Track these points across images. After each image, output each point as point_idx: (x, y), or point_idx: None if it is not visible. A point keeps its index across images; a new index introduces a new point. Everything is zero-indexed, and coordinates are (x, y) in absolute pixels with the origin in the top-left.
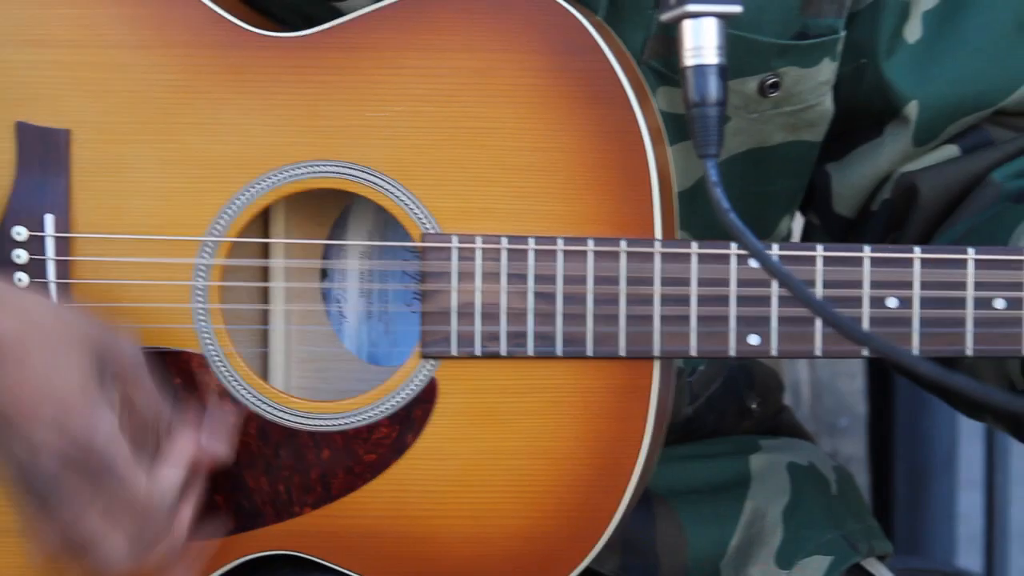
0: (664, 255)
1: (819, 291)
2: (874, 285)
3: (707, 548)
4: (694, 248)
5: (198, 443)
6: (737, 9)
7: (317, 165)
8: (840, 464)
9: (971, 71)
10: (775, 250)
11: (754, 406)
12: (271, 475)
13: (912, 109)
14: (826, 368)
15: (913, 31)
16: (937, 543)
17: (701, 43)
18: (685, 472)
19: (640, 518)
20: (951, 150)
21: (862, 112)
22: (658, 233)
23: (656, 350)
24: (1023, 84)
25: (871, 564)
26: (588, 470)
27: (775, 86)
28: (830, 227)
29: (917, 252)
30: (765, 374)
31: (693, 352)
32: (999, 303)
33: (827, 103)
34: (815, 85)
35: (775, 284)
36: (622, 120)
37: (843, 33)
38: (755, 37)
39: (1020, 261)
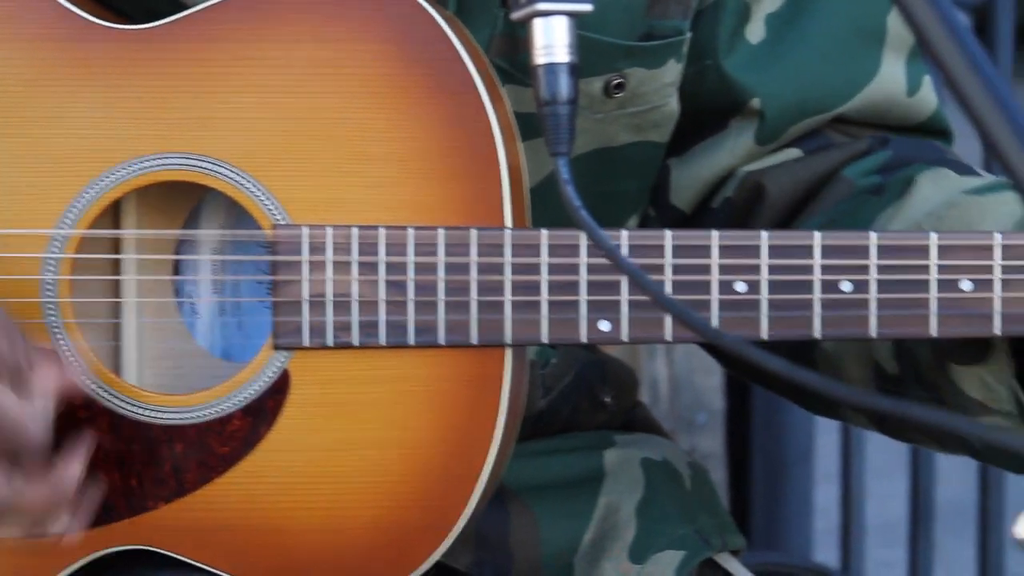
0: (515, 243)
1: (668, 277)
2: (722, 270)
3: (561, 543)
4: (544, 236)
5: (60, 373)
6: (587, 8)
7: (166, 158)
8: (695, 460)
9: (812, 74)
10: (624, 238)
11: (608, 400)
12: (124, 470)
13: (755, 106)
14: (684, 364)
15: (756, 32)
16: (794, 537)
17: (552, 41)
18: (539, 467)
19: (494, 514)
20: (794, 152)
21: (707, 112)
22: (508, 221)
23: (507, 338)
24: (862, 90)
25: (724, 559)
26: (442, 460)
27: (620, 87)
28: (665, 219)
29: (764, 237)
30: (619, 369)
31: (544, 339)
32: (846, 286)
33: (673, 104)
34: (661, 86)
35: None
36: (472, 110)
37: (689, 35)
38: (600, 38)
39: (866, 245)
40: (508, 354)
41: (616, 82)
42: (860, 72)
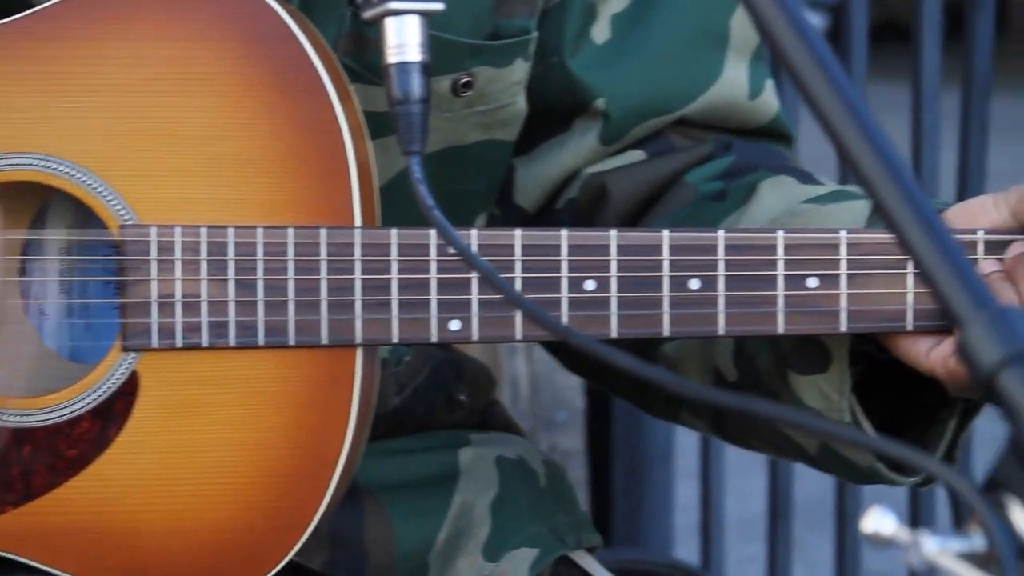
0: (364, 243)
1: (518, 276)
2: (572, 268)
3: (415, 541)
4: (394, 235)
5: None
6: (439, 7)
7: (11, 158)
8: (550, 458)
9: (656, 75)
10: (474, 237)
11: (463, 398)
12: None
13: (600, 105)
14: (544, 363)
15: (601, 32)
16: (655, 535)
17: (404, 40)
18: (394, 466)
19: (348, 513)
20: (637, 154)
21: (552, 111)
22: (358, 220)
23: (358, 337)
24: (705, 92)
25: (579, 556)
26: (293, 461)
27: (468, 86)
28: (510, 219)
29: (613, 235)
30: (474, 367)
31: (395, 339)
32: (694, 284)
33: (520, 103)
34: (508, 85)
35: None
36: (320, 109)
37: (535, 34)
38: (448, 37)
39: (714, 244)
40: (359, 354)
41: (464, 81)
42: (703, 74)
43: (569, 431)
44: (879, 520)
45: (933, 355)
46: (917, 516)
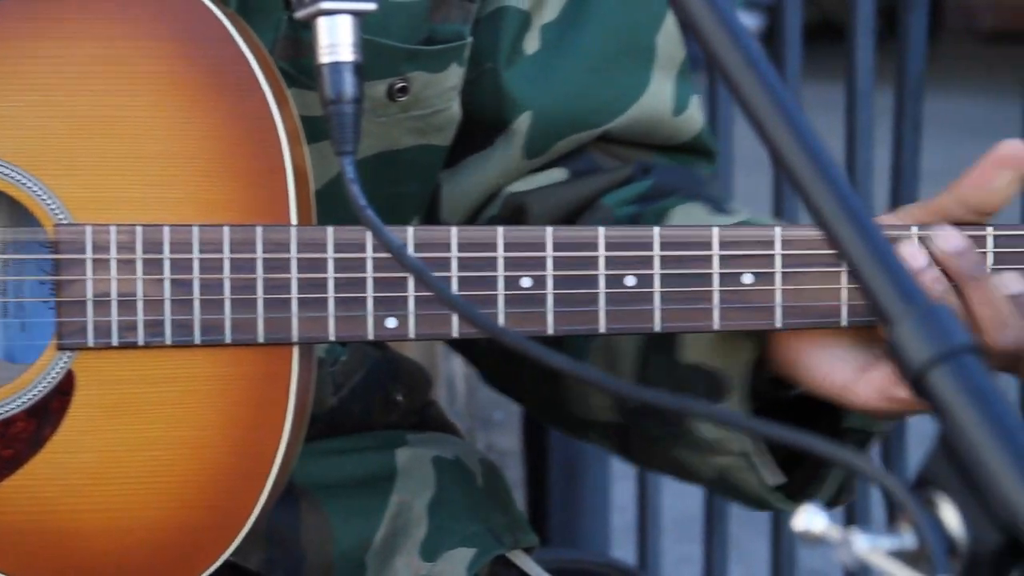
0: (301, 241)
1: (455, 274)
2: (508, 266)
3: (353, 541)
4: (330, 233)
5: None
6: (371, 6)
7: None
8: (487, 458)
9: (582, 89)
10: (410, 235)
11: (400, 398)
12: None
13: (525, 120)
14: None
15: (532, 43)
16: (592, 534)
17: (336, 40)
18: (331, 466)
19: (285, 512)
20: (559, 173)
21: (481, 120)
22: (294, 219)
23: (295, 335)
24: (630, 108)
25: (516, 556)
26: (230, 459)
27: (404, 90)
28: None
29: (549, 233)
30: (411, 367)
31: (332, 336)
32: (630, 280)
33: (455, 108)
34: (443, 90)
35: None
36: (257, 109)
37: (470, 39)
38: (384, 41)
39: (649, 240)
40: (295, 352)
41: (400, 86)
42: (629, 89)
43: (506, 431)
44: (810, 518)
45: (863, 388)
46: (852, 514)
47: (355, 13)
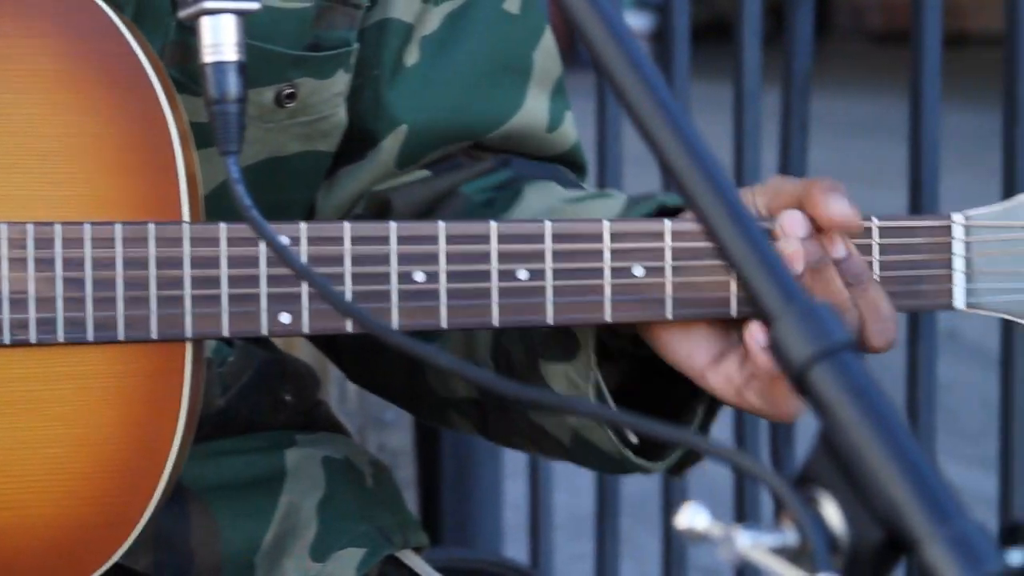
0: (194, 237)
1: (348, 269)
2: (401, 260)
3: (241, 543)
4: (223, 229)
5: None
6: (255, 6)
7: None
8: (377, 458)
9: (458, 104)
10: (303, 230)
11: (288, 398)
12: None
13: (400, 133)
14: None
15: (412, 55)
16: (485, 533)
17: (220, 40)
18: (220, 467)
19: (174, 514)
20: (423, 173)
21: (358, 127)
22: (186, 216)
23: (188, 332)
24: (505, 123)
25: (406, 556)
26: (125, 455)
27: (291, 96)
28: None
29: (442, 227)
30: (299, 367)
31: (225, 333)
32: (522, 274)
33: (341, 114)
34: (330, 96)
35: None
36: (146, 106)
37: (356, 45)
38: (270, 48)
39: (541, 233)
40: (188, 348)
41: (287, 92)
42: (505, 105)
43: (397, 430)
44: (693, 515)
45: (714, 378)
46: (743, 512)
47: (238, 13)
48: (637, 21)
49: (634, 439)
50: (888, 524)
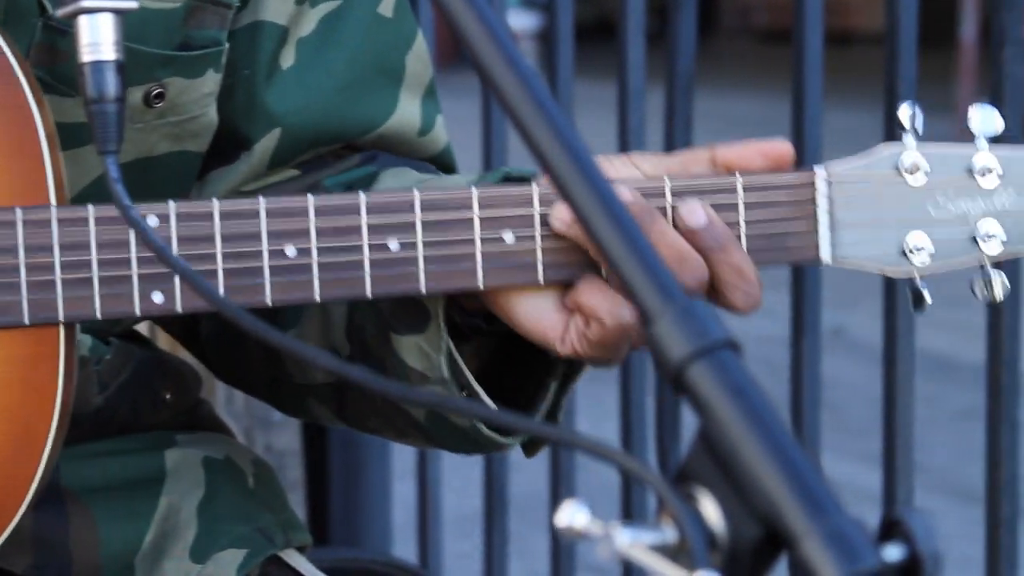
0: (61, 219)
1: (219, 247)
2: (272, 235)
3: (121, 544)
4: (91, 211)
5: None
6: (133, 5)
7: None
8: (260, 458)
9: (332, 107)
10: (172, 208)
11: (168, 396)
12: None
13: (273, 136)
14: None
15: (288, 57)
16: (373, 533)
17: (97, 39)
18: (98, 468)
19: (52, 515)
20: (291, 172)
21: (230, 128)
22: (53, 200)
23: (60, 315)
24: (375, 129)
25: (289, 556)
26: (4, 441)
27: (160, 96)
28: None
29: (311, 200)
30: (180, 366)
31: (98, 314)
32: (393, 244)
33: (211, 114)
34: (199, 96)
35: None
36: (15, 105)
37: (226, 45)
38: (139, 47)
39: (410, 201)
40: (61, 332)
41: (156, 92)
42: (378, 109)
43: (285, 430)
44: (572, 513)
45: (566, 341)
46: (629, 510)
47: (116, 11)
48: (523, 21)
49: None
50: (766, 521)
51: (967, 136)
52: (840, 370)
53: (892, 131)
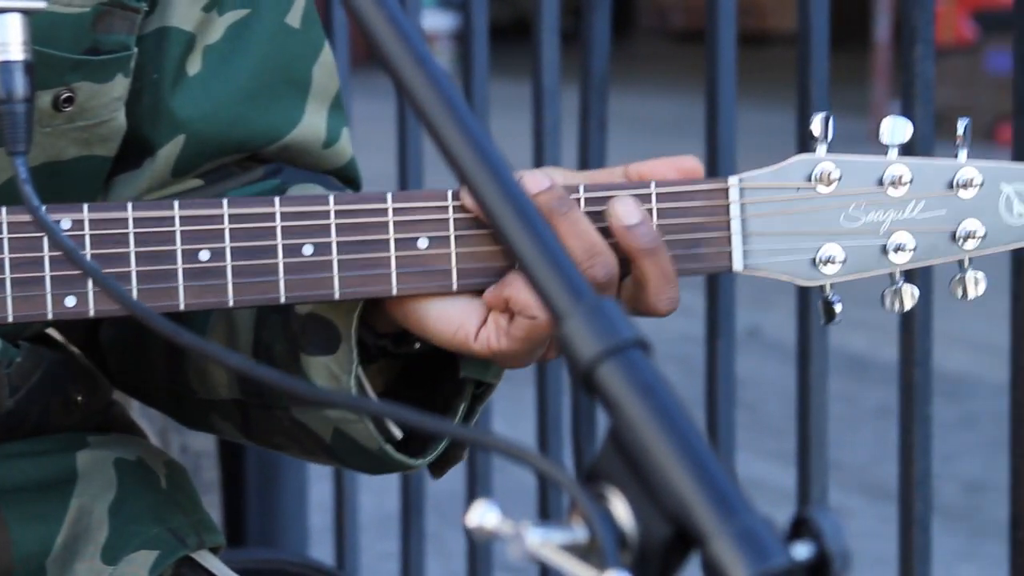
0: None
1: (132, 250)
2: (185, 240)
3: (32, 547)
4: (3, 213)
5: None
6: (42, 5)
7: None
8: (173, 459)
9: (237, 116)
10: (85, 212)
11: (80, 398)
12: None
13: (177, 143)
14: None
15: (195, 64)
16: (290, 534)
17: (6, 39)
18: (10, 470)
19: None
20: (195, 182)
21: (135, 134)
22: None
23: None
24: (284, 138)
25: (203, 557)
26: None
27: (69, 101)
28: None
29: (225, 205)
30: (91, 367)
31: (10, 318)
32: (307, 249)
33: (120, 119)
34: (109, 101)
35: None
36: None
37: (135, 50)
38: (48, 51)
39: (327, 209)
40: None
41: (65, 96)
42: (284, 119)
43: (201, 432)
44: (483, 513)
45: (481, 339)
46: (546, 511)
47: (25, 11)
48: (440, 21)
49: (398, 434)
50: (676, 520)
51: None
52: (756, 369)
53: (806, 131)
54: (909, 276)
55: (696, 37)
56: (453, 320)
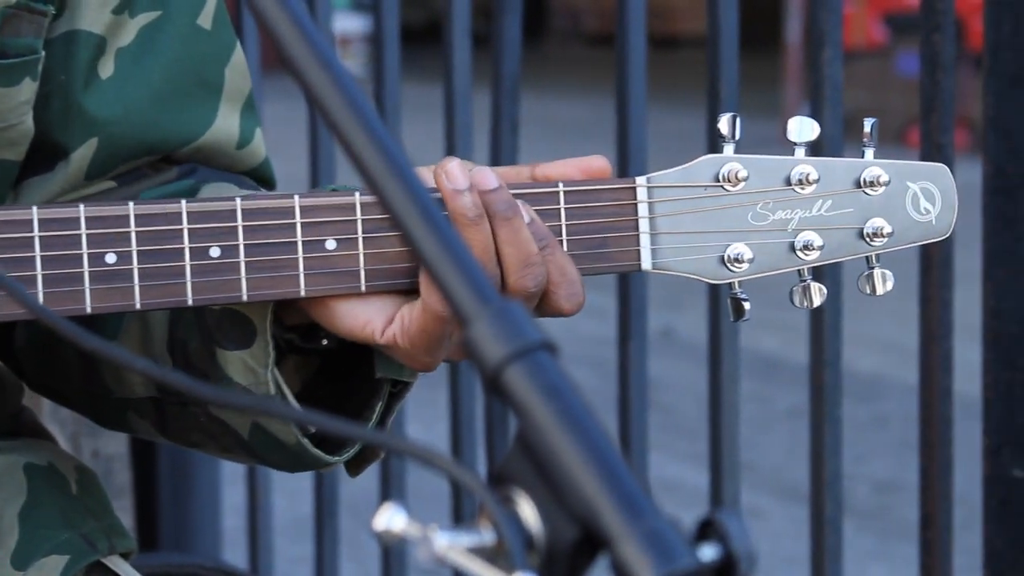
0: None
1: (37, 252)
2: (91, 242)
3: None
4: None
5: None
6: None
7: None
8: (83, 464)
9: (150, 119)
10: None
11: None
12: None
13: (91, 146)
14: None
15: (107, 67)
16: (203, 538)
17: None
18: None
19: None
20: (107, 183)
21: (46, 137)
22: None
23: None
24: (197, 140)
25: (113, 562)
26: None
27: None
28: None
29: (131, 207)
30: (1, 372)
31: None
32: (215, 251)
33: (28, 123)
34: (16, 104)
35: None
36: None
37: (42, 53)
38: None
39: (233, 210)
40: None
41: None
42: (197, 121)
43: (113, 436)
44: (390, 517)
45: (387, 333)
46: (459, 512)
47: None
48: (352, 23)
49: (312, 428)
50: (583, 522)
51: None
52: (669, 371)
53: (712, 131)
54: (818, 276)
55: (608, 40)
56: (360, 316)
